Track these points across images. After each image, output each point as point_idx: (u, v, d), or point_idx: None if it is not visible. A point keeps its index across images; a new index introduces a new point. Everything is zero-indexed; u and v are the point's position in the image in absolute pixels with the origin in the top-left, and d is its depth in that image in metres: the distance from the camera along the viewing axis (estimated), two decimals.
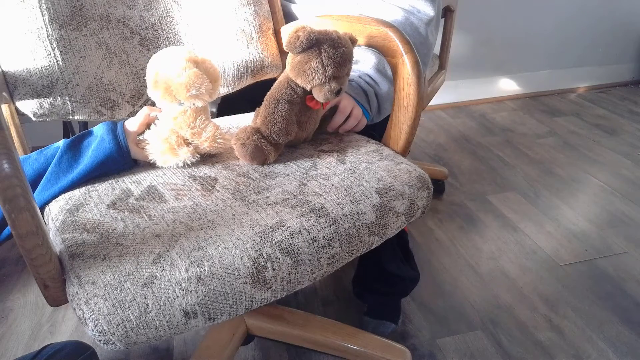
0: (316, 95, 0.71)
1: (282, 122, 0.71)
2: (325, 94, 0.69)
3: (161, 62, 0.70)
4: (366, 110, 0.86)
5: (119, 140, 0.69)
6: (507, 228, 1.35)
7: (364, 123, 0.86)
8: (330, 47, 0.67)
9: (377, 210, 0.64)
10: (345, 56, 0.69)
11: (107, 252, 0.54)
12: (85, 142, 0.69)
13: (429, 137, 1.92)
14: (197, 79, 0.67)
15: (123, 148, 0.69)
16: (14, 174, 0.45)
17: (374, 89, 0.87)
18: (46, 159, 0.67)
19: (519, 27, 2.17)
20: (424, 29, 0.89)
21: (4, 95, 0.73)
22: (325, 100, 0.71)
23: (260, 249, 0.55)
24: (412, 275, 1.05)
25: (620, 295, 1.10)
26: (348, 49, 0.69)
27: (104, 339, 0.49)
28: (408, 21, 0.88)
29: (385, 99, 0.87)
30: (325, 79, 0.68)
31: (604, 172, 1.63)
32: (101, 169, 0.69)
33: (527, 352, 0.96)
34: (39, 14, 0.74)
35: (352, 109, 0.83)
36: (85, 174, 0.67)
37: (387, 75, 0.86)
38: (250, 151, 0.70)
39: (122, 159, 0.70)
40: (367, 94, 0.86)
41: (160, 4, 0.86)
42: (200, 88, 0.67)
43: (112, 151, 0.68)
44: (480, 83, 2.25)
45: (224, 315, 0.53)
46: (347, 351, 0.89)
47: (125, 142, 0.69)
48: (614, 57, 2.39)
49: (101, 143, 0.68)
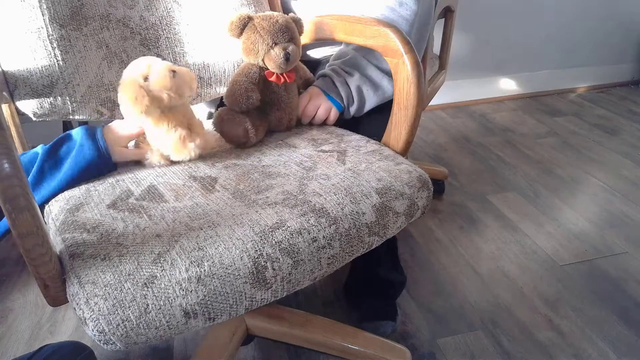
0: (270, 66, 0.77)
1: (241, 89, 0.77)
2: (275, 61, 0.76)
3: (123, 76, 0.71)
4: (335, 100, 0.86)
5: (99, 145, 0.69)
6: (507, 228, 1.35)
7: (335, 113, 0.87)
8: (263, 20, 0.76)
9: (377, 211, 0.64)
10: (279, 24, 0.75)
11: (107, 252, 0.54)
12: (65, 148, 0.68)
13: (429, 137, 1.92)
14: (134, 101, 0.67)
15: (104, 153, 0.69)
16: (14, 174, 0.45)
17: (343, 78, 0.87)
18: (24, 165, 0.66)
19: (519, 27, 2.17)
20: (405, 25, 0.87)
21: (4, 95, 0.73)
22: (279, 69, 0.77)
23: (261, 249, 0.55)
24: (401, 279, 1.07)
25: (620, 295, 1.10)
26: (282, 18, 0.77)
27: (104, 339, 0.49)
28: (387, 18, 0.86)
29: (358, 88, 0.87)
30: (266, 47, 0.75)
31: (604, 172, 1.63)
32: (84, 175, 0.68)
33: (527, 352, 0.96)
34: (39, 13, 0.74)
35: (315, 97, 0.86)
36: (67, 182, 0.67)
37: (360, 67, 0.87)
38: (221, 125, 0.77)
39: (103, 163, 0.70)
40: (335, 83, 0.86)
41: (160, 4, 0.86)
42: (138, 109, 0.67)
43: (93, 157, 0.68)
44: (480, 83, 2.25)
45: (224, 315, 0.53)
46: (347, 351, 0.89)
47: (106, 147, 0.69)
48: (614, 57, 2.39)
49: (81, 149, 0.67)
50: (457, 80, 2.18)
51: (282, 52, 0.75)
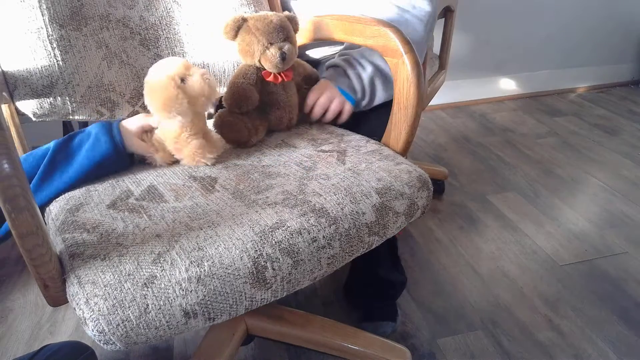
0: (267, 67, 0.77)
1: (239, 91, 0.77)
2: (272, 61, 0.76)
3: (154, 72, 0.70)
4: (349, 94, 0.85)
5: (115, 140, 0.68)
6: (507, 228, 1.35)
7: (349, 108, 0.86)
8: (257, 21, 0.76)
9: (377, 210, 0.64)
10: (274, 24, 0.76)
11: (107, 252, 0.54)
12: (77, 141, 0.67)
13: (429, 137, 1.92)
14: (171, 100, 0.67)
15: (120, 148, 0.69)
16: (14, 174, 0.45)
17: (356, 70, 0.86)
18: (35, 160, 0.66)
19: (519, 27, 2.17)
20: (420, 26, 0.88)
21: (4, 95, 0.73)
22: (275, 68, 0.77)
23: (260, 249, 0.55)
24: (401, 280, 1.06)
25: (620, 295, 1.10)
26: (276, 17, 0.77)
27: (104, 339, 0.49)
28: (402, 18, 0.87)
29: (371, 81, 0.86)
30: (262, 47, 0.76)
31: (604, 172, 1.63)
32: (99, 169, 0.68)
33: (527, 352, 0.96)
34: (39, 14, 0.74)
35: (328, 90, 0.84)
36: (82, 174, 0.66)
37: (372, 60, 0.86)
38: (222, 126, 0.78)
39: (119, 158, 0.69)
40: (348, 76, 0.86)
41: (160, 4, 0.86)
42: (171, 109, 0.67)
43: (109, 151, 0.67)
44: (480, 83, 2.25)
45: (224, 315, 0.53)
46: (347, 351, 0.89)
47: (122, 142, 0.69)
48: (614, 57, 2.39)
49: (97, 143, 0.67)
50: (457, 80, 2.18)
51: (277, 52, 0.75)
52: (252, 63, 0.78)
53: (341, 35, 0.83)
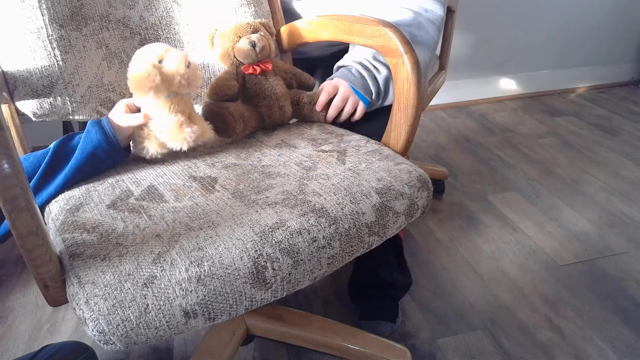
0: (241, 59, 0.82)
1: (218, 80, 0.82)
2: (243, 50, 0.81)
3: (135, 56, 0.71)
4: (363, 95, 0.85)
5: (105, 130, 0.69)
6: (507, 228, 1.35)
7: (362, 108, 0.86)
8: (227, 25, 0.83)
9: (377, 210, 0.64)
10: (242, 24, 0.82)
11: (107, 252, 0.54)
12: (77, 139, 0.69)
13: (429, 137, 1.92)
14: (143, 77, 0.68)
15: (110, 136, 0.69)
16: (14, 174, 0.45)
17: (372, 73, 0.86)
18: (35, 160, 0.67)
19: (519, 27, 2.17)
20: (432, 29, 0.88)
21: (4, 95, 0.73)
22: (249, 58, 0.81)
23: (260, 249, 0.55)
24: (405, 282, 1.06)
25: (620, 295, 1.10)
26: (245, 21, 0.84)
27: (104, 339, 0.49)
28: (416, 21, 0.88)
29: (385, 84, 0.86)
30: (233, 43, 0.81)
31: (604, 172, 1.63)
32: (94, 160, 0.68)
33: (527, 352, 0.96)
34: (39, 14, 0.74)
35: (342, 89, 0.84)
36: (78, 167, 0.67)
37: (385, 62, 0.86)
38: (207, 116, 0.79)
39: (112, 148, 0.69)
40: (364, 78, 0.86)
41: (160, 4, 0.86)
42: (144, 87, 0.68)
43: (100, 140, 0.68)
44: (480, 83, 2.25)
45: (224, 315, 0.53)
46: (347, 351, 0.89)
47: (112, 131, 0.69)
48: (614, 57, 2.39)
49: (87, 135, 0.68)
50: (457, 80, 2.18)
51: (247, 40, 0.80)
52: (230, 65, 0.83)
53: (341, 35, 0.83)
